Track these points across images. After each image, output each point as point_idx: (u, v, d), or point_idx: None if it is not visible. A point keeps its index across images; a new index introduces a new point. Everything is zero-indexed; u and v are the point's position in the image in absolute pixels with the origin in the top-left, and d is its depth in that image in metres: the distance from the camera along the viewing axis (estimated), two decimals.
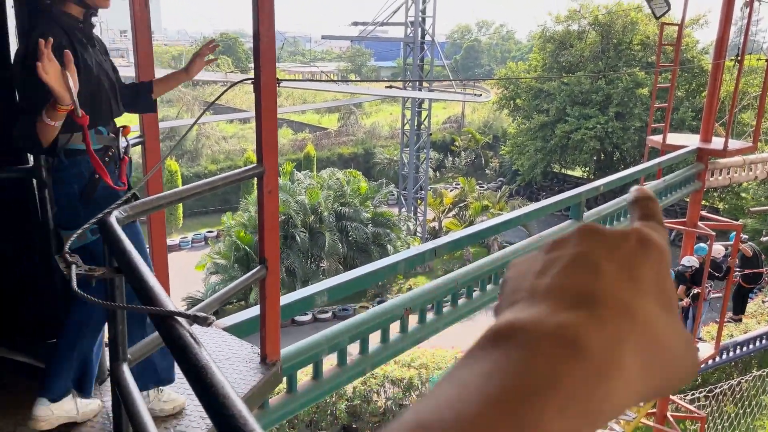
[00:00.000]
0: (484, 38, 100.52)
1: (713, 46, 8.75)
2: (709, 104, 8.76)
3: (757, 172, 9.91)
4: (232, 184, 2.36)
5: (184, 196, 2.24)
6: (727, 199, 27.69)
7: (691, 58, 31.31)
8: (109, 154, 2.54)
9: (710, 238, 8.70)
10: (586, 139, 31.13)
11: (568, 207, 6.00)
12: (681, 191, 8.29)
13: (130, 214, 1.79)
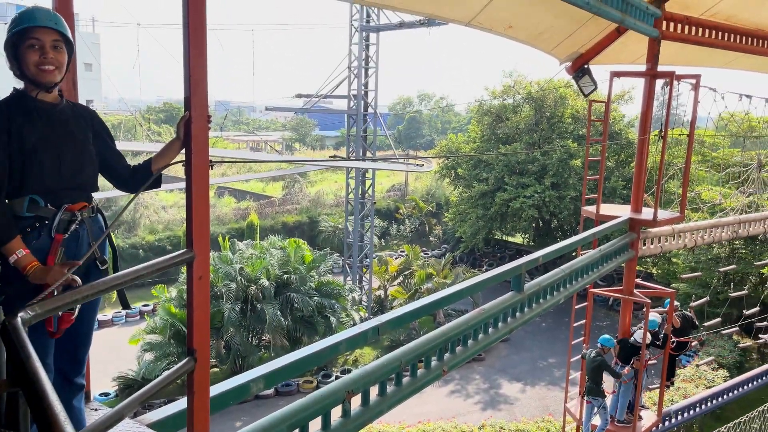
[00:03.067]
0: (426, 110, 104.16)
1: (638, 121, 9.29)
2: (638, 177, 9.22)
3: (686, 240, 10.39)
4: (159, 272, 2.22)
5: (102, 289, 2.08)
6: (660, 265, 28.82)
7: (618, 131, 33.27)
8: (36, 225, 2.56)
9: (646, 305, 8.95)
10: (525, 207, 32.11)
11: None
12: (616, 260, 8.54)
13: (38, 314, 1.64)
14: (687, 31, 9.03)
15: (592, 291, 9.44)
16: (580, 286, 7.37)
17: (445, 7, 6.93)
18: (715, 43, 9.56)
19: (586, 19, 8.06)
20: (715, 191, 23.99)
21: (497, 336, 5.57)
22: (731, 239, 12.27)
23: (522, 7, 7.40)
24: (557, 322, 28.65)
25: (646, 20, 8.01)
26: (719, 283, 21.08)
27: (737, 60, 11.49)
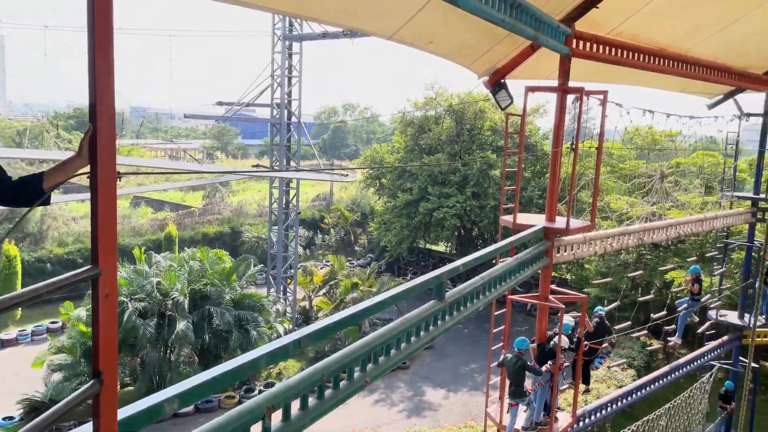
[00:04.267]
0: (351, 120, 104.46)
1: (552, 134, 9.70)
2: (551, 187, 9.61)
3: (596, 247, 10.93)
4: (61, 290, 2.08)
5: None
6: (573, 271, 30.20)
7: (534, 143, 34.69)
8: None
9: (560, 310, 9.33)
10: (447, 216, 32.80)
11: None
12: (532, 267, 8.85)
13: None
14: (595, 49, 9.54)
15: (510, 297, 9.72)
16: (498, 293, 7.58)
17: (367, 21, 6.99)
18: (621, 61, 10.16)
19: (503, 35, 8.36)
20: (622, 201, 25.45)
21: (419, 345, 5.62)
22: (637, 246, 13.02)
23: (442, 24, 7.57)
24: (478, 328, 29.39)
25: (558, 38, 8.41)
26: (628, 287, 22.32)
27: (642, 77, 12.27)
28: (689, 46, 11.65)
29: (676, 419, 14.87)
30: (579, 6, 8.58)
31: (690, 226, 14.14)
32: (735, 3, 10.49)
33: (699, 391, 15.42)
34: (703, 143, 29.81)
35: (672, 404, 14.63)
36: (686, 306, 15.47)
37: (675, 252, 24.68)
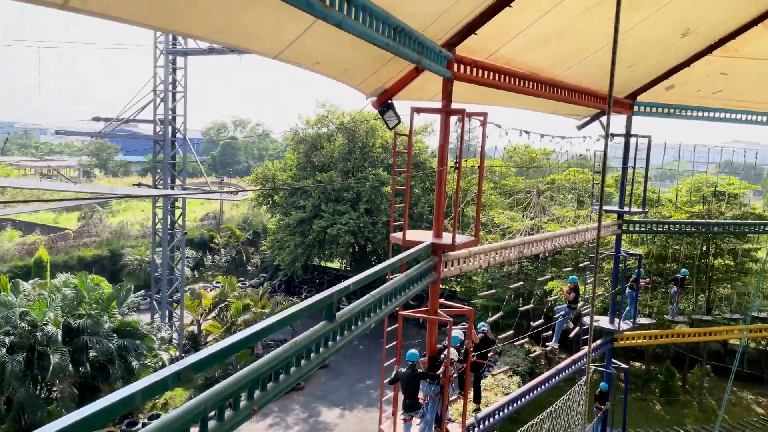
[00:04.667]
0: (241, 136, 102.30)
1: (437, 153, 10.03)
2: (438, 204, 9.93)
3: (481, 261, 11.41)
4: None
5: None
6: (462, 283, 31.33)
7: (423, 161, 35.76)
8: None
9: (449, 324, 9.62)
10: (341, 233, 32.89)
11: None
12: (421, 283, 9.08)
13: None
14: (475, 73, 10.04)
15: (401, 313, 9.89)
16: (389, 309, 7.69)
17: (250, 40, 6.90)
18: (498, 85, 10.76)
19: (389, 58, 8.59)
20: (504, 215, 26.85)
21: (310, 367, 5.55)
22: (518, 258, 13.73)
23: (329, 45, 7.64)
24: (373, 344, 29.58)
25: (440, 62, 8.76)
26: (511, 297, 23.47)
27: (518, 100, 13.06)
28: (559, 72, 12.60)
29: (558, 421, 15.76)
30: (459, 32, 9.01)
31: (565, 239, 15.15)
32: (592, 37, 11.49)
33: (577, 393, 16.46)
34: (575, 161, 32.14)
35: (554, 407, 15.49)
36: (563, 313, 16.52)
37: (553, 263, 26.33)
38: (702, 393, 25.59)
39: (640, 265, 18.50)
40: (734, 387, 25.74)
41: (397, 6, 7.03)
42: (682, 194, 28.01)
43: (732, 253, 24.80)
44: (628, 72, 14.86)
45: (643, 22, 11.63)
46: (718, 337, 20.61)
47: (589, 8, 10.01)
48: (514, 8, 8.78)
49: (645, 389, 25.69)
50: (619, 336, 18.30)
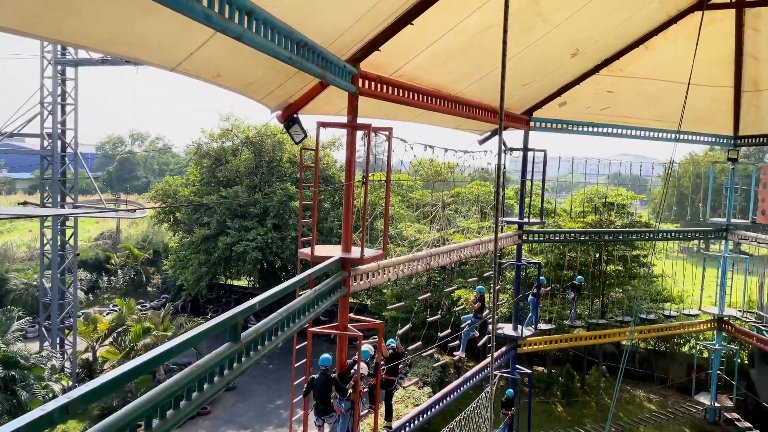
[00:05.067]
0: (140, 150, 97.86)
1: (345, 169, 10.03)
2: (346, 218, 9.91)
3: (390, 274, 11.50)
4: None
5: None
6: (373, 296, 31.45)
7: (332, 175, 35.72)
8: None
9: (358, 338, 9.58)
10: (248, 250, 32.09)
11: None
12: (331, 298, 8.99)
13: None
14: (380, 89, 10.17)
15: (311, 330, 9.75)
16: (298, 327, 7.54)
17: (146, 51, 6.59)
18: (403, 100, 10.96)
19: (293, 72, 8.51)
20: (412, 228, 27.29)
21: (213, 391, 5.32)
22: (426, 270, 13.97)
23: (230, 58, 7.45)
24: (283, 362, 28.98)
25: (345, 77, 8.79)
26: (420, 309, 23.82)
27: (423, 115, 13.37)
28: (460, 89, 13.03)
29: (467, 429, 16.10)
30: (363, 48, 9.09)
31: (469, 250, 15.61)
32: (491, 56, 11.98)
33: (484, 400, 16.92)
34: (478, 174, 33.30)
35: (462, 416, 15.82)
36: (470, 322, 16.97)
37: (459, 273, 27.04)
38: (599, 393, 27.10)
39: (539, 273, 19.38)
40: (628, 386, 27.47)
41: (301, 21, 6.98)
42: (576, 205, 29.74)
43: (622, 259, 26.57)
44: (524, 89, 15.63)
45: (536, 43, 12.29)
46: (612, 339, 21.93)
47: (487, 28, 10.43)
48: (417, 27, 8.99)
49: (548, 392, 26.84)
50: (523, 342, 19.04)
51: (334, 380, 9.54)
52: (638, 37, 15.65)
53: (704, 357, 25.96)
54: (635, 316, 16.86)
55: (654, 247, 27.93)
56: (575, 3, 11.52)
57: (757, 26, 15.53)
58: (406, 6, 8.59)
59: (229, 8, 5.14)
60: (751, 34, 15.96)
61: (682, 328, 22.88)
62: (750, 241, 21.50)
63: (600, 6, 12.06)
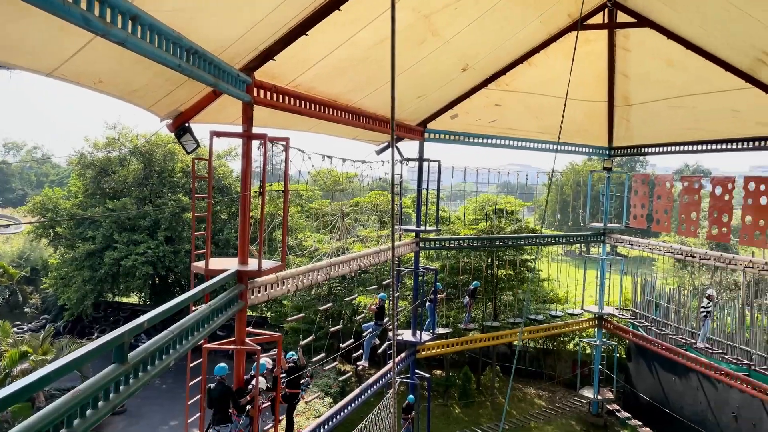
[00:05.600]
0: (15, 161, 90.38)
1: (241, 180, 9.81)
2: (243, 230, 9.69)
3: (289, 285, 11.37)
4: None
5: None
6: (273, 309, 30.90)
7: (228, 185, 34.79)
8: None
9: (257, 353, 9.39)
10: (138, 264, 30.47)
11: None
12: (227, 312, 8.75)
13: None
14: (275, 98, 10.08)
15: (206, 346, 9.43)
16: (191, 344, 7.27)
17: (19, 55, 6.12)
18: (299, 110, 10.94)
19: (184, 79, 8.24)
20: (311, 238, 27.18)
21: (98, 417, 5.00)
22: (326, 280, 13.96)
23: (114, 63, 7.10)
24: (177, 381, 27.68)
25: (239, 86, 8.64)
26: (322, 319, 23.73)
27: (320, 125, 13.39)
28: (357, 100, 13.19)
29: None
30: (257, 57, 8.99)
31: (369, 258, 15.80)
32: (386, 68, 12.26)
33: (385, 406, 17.10)
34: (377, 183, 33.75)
35: (364, 423, 15.90)
36: (371, 330, 17.13)
37: (359, 282, 27.23)
38: (494, 393, 28.25)
39: (436, 279, 19.95)
40: (520, 384, 28.87)
41: (191, 27, 6.80)
42: (470, 213, 30.94)
43: (512, 263, 27.97)
44: (417, 102, 16.09)
45: (428, 57, 12.72)
46: (504, 340, 22.96)
47: (381, 41, 10.66)
48: (312, 38, 9.02)
49: (446, 395, 27.60)
50: (421, 347, 19.49)
51: (230, 392, 9.28)
52: (522, 53, 16.63)
53: (587, 353, 27.82)
54: (525, 317, 17.78)
55: (540, 252, 29.64)
56: (464, 20, 12.06)
57: (627, 46, 17.00)
58: (300, 17, 8.61)
59: (111, 12, 4.90)
60: (622, 54, 17.44)
61: (567, 327, 24.40)
62: (624, 243, 23.37)
63: (487, 23, 12.71)
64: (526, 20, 14.28)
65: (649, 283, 24.01)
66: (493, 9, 12.05)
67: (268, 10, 7.73)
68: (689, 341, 20.37)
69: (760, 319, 18.77)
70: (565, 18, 15.41)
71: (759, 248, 17.84)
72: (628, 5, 15.19)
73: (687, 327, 21.18)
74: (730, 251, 27.49)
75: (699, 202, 19.33)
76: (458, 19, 11.96)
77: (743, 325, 19.13)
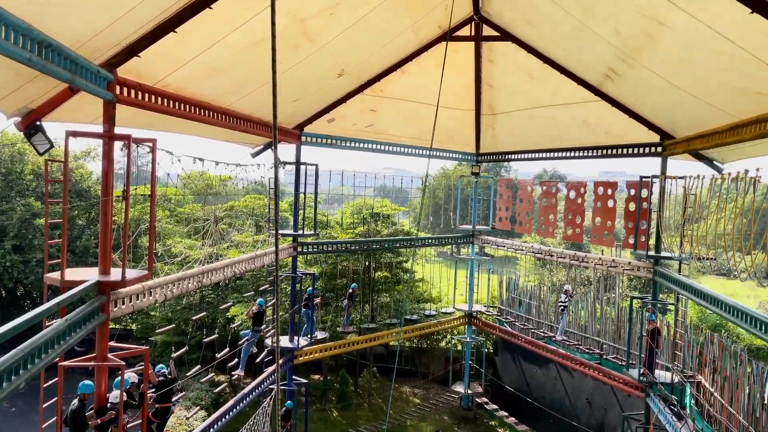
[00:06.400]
0: None
1: (101, 183, 9.13)
2: (104, 237, 8.99)
3: (157, 295, 10.77)
4: None
5: None
6: (139, 320, 29.05)
7: (87, 189, 32.25)
8: None
9: (121, 368, 8.78)
10: None
11: None
12: (86, 327, 8.10)
13: None
14: (141, 98, 9.52)
15: (62, 364, 8.66)
16: (44, 363, 6.66)
17: None
18: (167, 111, 10.41)
19: (36, 74, 7.53)
20: (182, 245, 25.93)
21: None
22: (198, 288, 13.40)
23: None
24: (30, 402, 25.12)
25: (99, 83, 8.06)
26: (194, 329, 22.72)
27: (192, 127, 12.83)
28: (231, 102, 12.83)
29: None
30: (121, 53, 8.44)
31: (244, 264, 15.39)
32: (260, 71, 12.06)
33: (261, 415, 16.74)
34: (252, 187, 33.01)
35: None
36: (248, 337, 16.70)
37: (235, 288, 26.43)
38: (371, 394, 28.67)
39: (314, 284, 19.88)
40: (396, 383, 29.54)
41: (44, 19, 6.24)
42: (347, 216, 31.20)
43: (388, 265, 28.59)
44: (294, 105, 15.98)
45: (304, 61, 12.69)
46: (381, 341, 23.39)
47: (255, 44, 10.46)
48: (182, 36, 8.64)
49: (324, 399, 27.57)
50: (299, 353, 19.32)
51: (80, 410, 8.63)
52: (395, 61, 17.12)
53: (459, 350, 29.13)
54: (402, 318, 18.25)
55: (415, 253, 30.60)
56: (339, 26, 12.17)
57: (492, 58, 18.07)
58: (169, 12, 8.21)
59: None
60: (488, 65, 18.51)
61: (440, 326, 25.39)
62: (491, 244, 24.78)
63: (361, 31, 12.92)
64: (398, 30, 14.71)
65: (513, 281, 25.64)
66: (367, 17, 12.28)
67: (133, 3, 7.30)
68: (548, 334, 22.02)
69: (609, 311, 20.73)
70: (435, 29, 16.07)
71: (607, 247, 19.69)
72: (493, 20, 16.16)
73: (546, 321, 22.89)
74: (583, 250, 30.08)
75: (556, 205, 20.98)
76: (333, 26, 12.05)
77: (595, 318, 21.03)
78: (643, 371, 15.79)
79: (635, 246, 16.57)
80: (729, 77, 9.69)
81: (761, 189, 10.21)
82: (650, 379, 15.68)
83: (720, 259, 12.36)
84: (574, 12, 11.50)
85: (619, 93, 14.94)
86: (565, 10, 11.63)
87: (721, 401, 14.35)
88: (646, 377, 15.75)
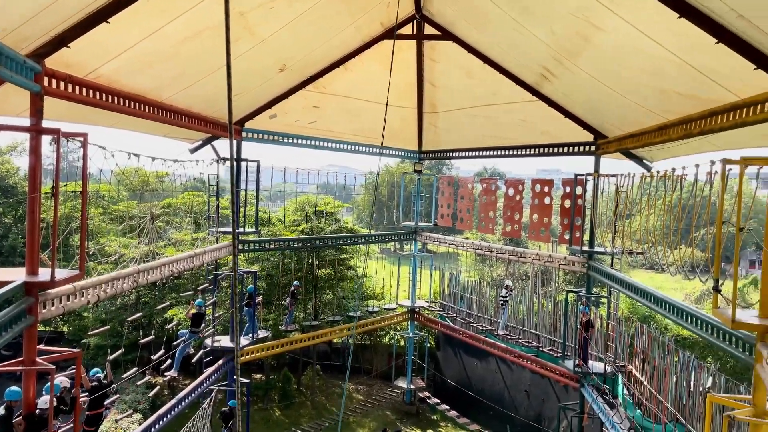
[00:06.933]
0: None
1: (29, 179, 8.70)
2: (31, 236, 8.57)
3: (89, 296, 10.34)
4: None
5: None
6: (70, 322, 27.85)
7: (14, 185, 30.66)
8: None
9: (51, 372, 8.39)
10: None
11: None
12: (12, 330, 7.72)
13: None
14: (71, 89, 9.12)
15: None
16: None
17: None
18: (98, 104, 10.02)
19: None
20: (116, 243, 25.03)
21: None
22: (134, 288, 12.96)
23: None
24: None
25: (25, 74, 7.67)
26: (129, 330, 21.96)
27: (126, 121, 12.39)
28: (167, 96, 12.46)
29: None
30: (49, 43, 8.06)
31: (183, 263, 14.99)
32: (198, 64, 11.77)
33: (201, 417, 16.38)
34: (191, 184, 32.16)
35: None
36: (185, 338, 16.28)
37: (173, 288, 25.72)
38: (315, 392, 28.53)
39: (255, 282, 19.59)
40: (339, 381, 29.50)
41: None
42: (290, 213, 30.89)
43: (332, 263, 28.49)
44: (235, 100, 15.62)
45: (245, 55, 12.47)
46: (325, 339, 23.30)
47: (193, 36, 10.21)
48: (115, 26, 8.33)
49: (266, 399, 27.24)
50: (241, 352, 18.99)
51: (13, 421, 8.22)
52: (338, 58, 17.04)
53: (402, 345, 29.37)
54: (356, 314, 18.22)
55: (359, 250, 30.64)
56: (280, 21, 12.02)
57: (434, 57, 18.26)
58: (101, 2, 7.89)
59: None
60: (430, 64, 18.69)
61: (383, 322, 25.52)
62: (433, 241, 25.09)
63: (302, 26, 12.80)
64: (340, 26, 14.65)
65: (454, 277, 26.05)
66: (307, 12, 12.18)
67: None
68: (488, 328, 22.51)
69: (545, 305, 21.38)
70: (378, 27, 16.11)
71: (544, 242, 20.27)
72: (435, 19, 16.33)
73: (486, 315, 23.39)
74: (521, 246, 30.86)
75: (495, 202, 21.46)
76: (274, 20, 11.89)
77: (532, 312, 21.64)
78: (578, 362, 16.38)
79: (570, 241, 17.15)
80: (657, 79, 10.16)
81: (687, 186, 10.76)
82: (584, 369, 16.29)
83: (649, 254, 12.97)
84: (512, 12, 11.77)
85: (555, 93, 15.40)
86: (503, 11, 11.89)
87: (651, 389, 15.05)
88: (580, 368, 16.34)
